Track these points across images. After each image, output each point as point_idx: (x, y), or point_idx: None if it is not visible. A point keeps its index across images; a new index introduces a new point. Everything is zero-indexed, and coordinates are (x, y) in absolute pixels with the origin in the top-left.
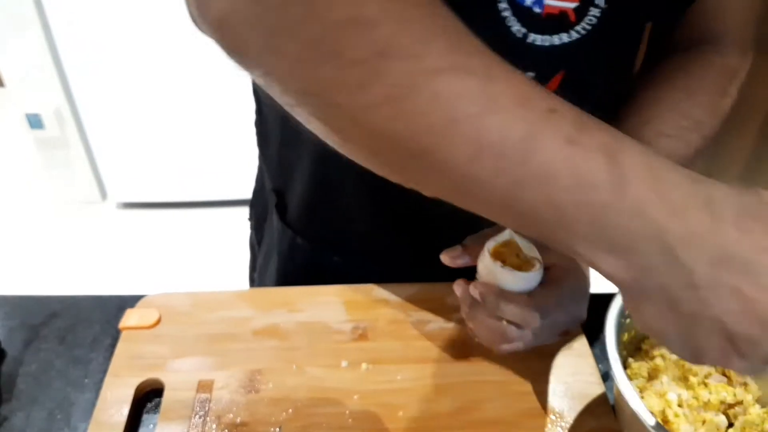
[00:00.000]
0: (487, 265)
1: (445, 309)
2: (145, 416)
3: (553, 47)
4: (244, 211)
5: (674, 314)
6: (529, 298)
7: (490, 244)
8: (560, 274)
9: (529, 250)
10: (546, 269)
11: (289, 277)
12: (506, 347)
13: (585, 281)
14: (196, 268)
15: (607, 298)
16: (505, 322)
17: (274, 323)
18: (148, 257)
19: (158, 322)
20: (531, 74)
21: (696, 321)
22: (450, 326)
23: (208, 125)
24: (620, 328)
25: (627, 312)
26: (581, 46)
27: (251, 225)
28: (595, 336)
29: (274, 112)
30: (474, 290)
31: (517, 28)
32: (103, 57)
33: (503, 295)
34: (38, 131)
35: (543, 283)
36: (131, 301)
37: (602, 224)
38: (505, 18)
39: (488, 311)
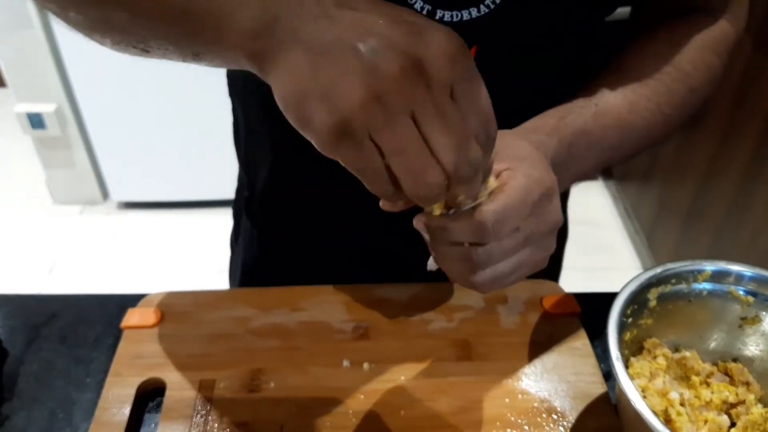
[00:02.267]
0: None
1: (446, 309)
2: (146, 416)
3: (462, 22)
4: None
5: (307, 56)
6: (478, 209)
7: None
8: (506, 178)
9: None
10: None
11: (247, 271)
12: (480, 276)
13: (541, 180)
14: (197, 267)
15: (609, 298)
16: (467, 245)
17: (275, 322)
18: (150, 257)
19: (160, 321)
20: None
21: (325, 50)
22: (451, 326)
23: (211, 125)
24: (622, 328)
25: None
26: (492, 19)
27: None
28: (596, 335)
29: (241, 106)
30: (418, 223)
31: (420, 4)
32: (105, 57)
33: (448, 216)
34: (40, 131)
35: (491, 193)
36: (133, 300)
37: None
38: None
39: (444, 239)
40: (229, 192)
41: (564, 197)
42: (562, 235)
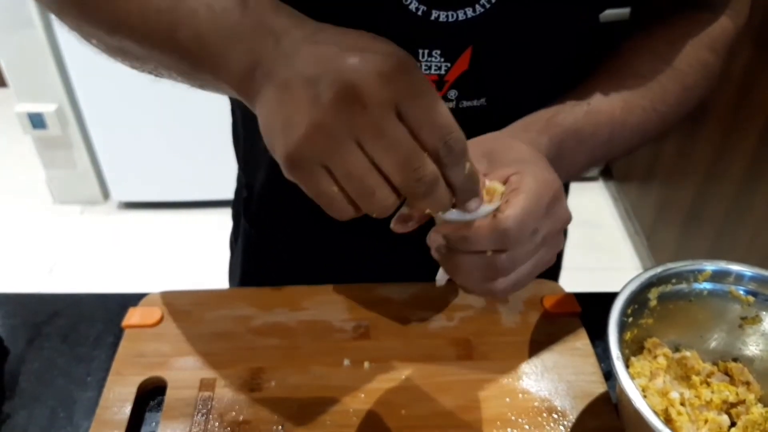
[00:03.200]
0: (441, 215)
1: (447, 308)
2: (147, 414)
3: (458, 23)
4: None
5: (276, 92)
6: (493, 216)
7: None
8: (516, 183)
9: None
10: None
11: (246, 271)
12: (502, 283)
13: (549, 181)
14: (198, 267)
15: (609, 297)
16: (489, 252)
17: (276, 321)
18: (150, 257)
19: (161, 320)
20: (438, 52)
21: (288, 85)
22: (452, 325)
23: (211, 125)
24: (622, 327)
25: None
26: (488, 19)
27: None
28: (597, 335)
29: (240, 107)
30: (435, 237)
31: (415, 5)
32: (106, 58)
33: (467, 225)
34: (40, 131)
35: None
36: (134, 299)
37: (232, 38)
38: None
39: (465, 249)
40: (228, 192)
41: None
42: None
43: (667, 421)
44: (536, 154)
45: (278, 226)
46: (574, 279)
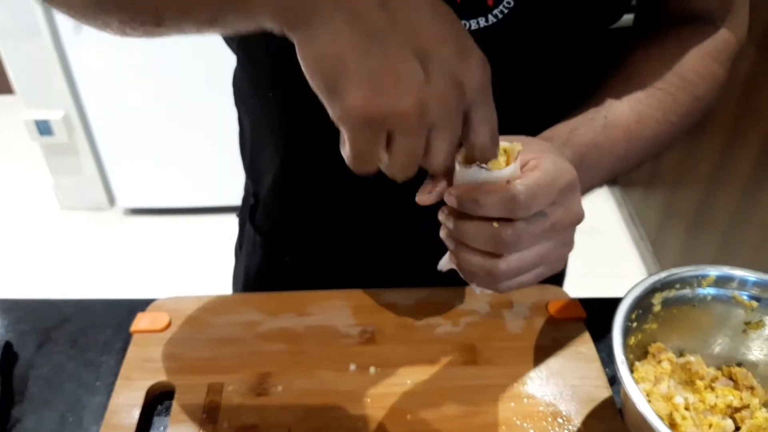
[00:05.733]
0: (459, 174)
1: (453, 313)
2: (155, 419)
3: (470, 32)
4: None
5: (354, 31)
6: (507, 182)
7: (459, 154)
8: (534, 164)
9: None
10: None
11: (250, 278)
12: (505, 264)
13: (567, 169)
14: (205, 272)
15: (614, 302)
16: (496, 224)
17: (282, 327)
18: (158, 262)
19: (169, 325)
20: None
21: (376, 38)
22: (458, 330)
23: (217, 131)
24: (627, 332)
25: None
26: (500, 29)
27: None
28: (602, 340)
29: (248, 115)
30: (449, 197)
31: None
32: (112, 63)
33: (479, 188)
34: (47, 138)
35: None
36: (142, 304)
37: None
38: None
39: (474, 212)
40: (234, 198)
41: None
42: None
43: (672, 425)
44: (559, 153)
45: (284, 234)
46: (578, 285)
